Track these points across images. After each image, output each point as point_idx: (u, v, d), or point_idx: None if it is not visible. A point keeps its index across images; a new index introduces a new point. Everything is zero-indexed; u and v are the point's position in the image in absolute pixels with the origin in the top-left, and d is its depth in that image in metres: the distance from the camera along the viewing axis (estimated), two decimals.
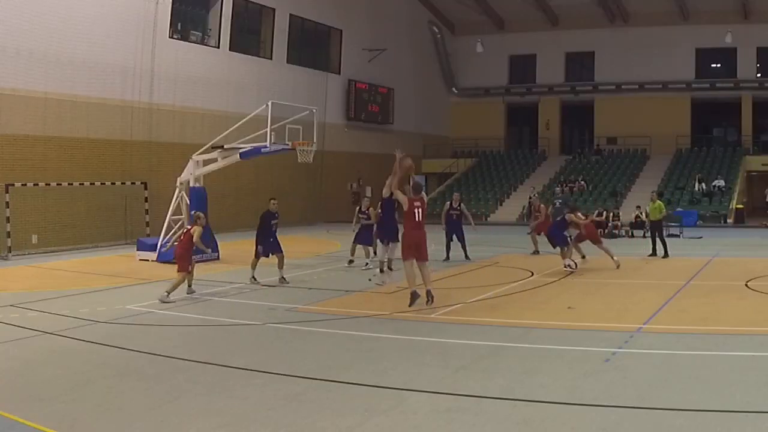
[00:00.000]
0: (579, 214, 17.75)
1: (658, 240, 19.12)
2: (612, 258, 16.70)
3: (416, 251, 11.86)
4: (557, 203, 25.79)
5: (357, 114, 35.74)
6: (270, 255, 15.30)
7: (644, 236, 24.74)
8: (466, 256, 18.89)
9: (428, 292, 11.73)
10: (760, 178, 36.26)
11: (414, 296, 11.69)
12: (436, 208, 36.30)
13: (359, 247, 17.74)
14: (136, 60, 24.43)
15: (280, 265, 15.13)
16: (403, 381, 7.76)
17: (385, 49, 36.16)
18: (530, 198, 28.57)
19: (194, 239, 13.64)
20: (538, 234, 20.25)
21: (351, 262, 17.71)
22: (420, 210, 11.91)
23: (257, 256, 15.21)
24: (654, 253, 19.07)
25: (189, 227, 14.46)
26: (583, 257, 17.69)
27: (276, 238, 15.39)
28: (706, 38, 37.41)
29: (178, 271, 13.43)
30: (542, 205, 21.69)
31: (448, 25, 42.74)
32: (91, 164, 22.98)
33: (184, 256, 13.62)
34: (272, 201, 15.55)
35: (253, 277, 15.06)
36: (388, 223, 15.27)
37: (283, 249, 15.34)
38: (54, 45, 21.60)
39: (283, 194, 30.55)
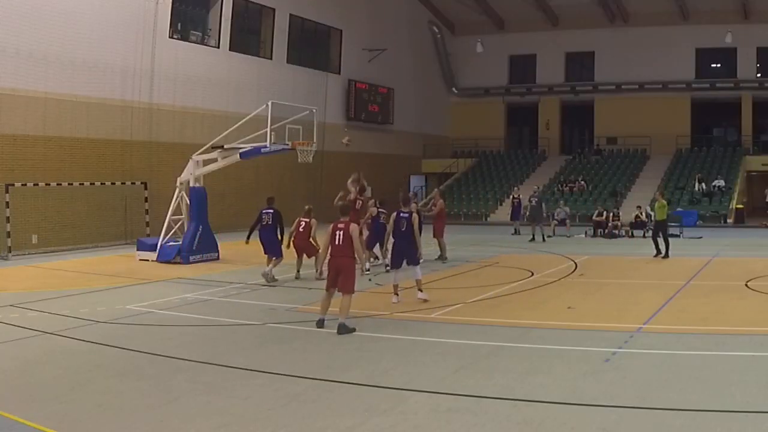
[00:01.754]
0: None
1: (660, 239, 18.75)
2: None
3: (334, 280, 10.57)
4: (533, 201, 25.67)
5: (357, 114, 35.73)
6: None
7: (644, 236, 24.78)
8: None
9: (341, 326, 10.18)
10: (760, 178, 36.25)
11: (321, 323, 10.47)
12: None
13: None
14: (136, 60, 24.41)
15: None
16: (403, 381, 7.76)
17: (385, 49, 36.15)
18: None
19: (314, 231, 15.49)
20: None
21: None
22: (341, 233, 10.50)
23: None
24: (659, 252, 18.70)
25: (306, 220, 15.80)
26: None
27: None
28: (706, 38, 37.39)
29: (309, 256, 15.60)
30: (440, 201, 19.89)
31: (448, 25, 42.73)
32: (91, 164, 22.97)
33: (308, 244, 15.60)
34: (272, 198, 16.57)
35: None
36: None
37: None
38: (54, 45, 21.58)
39: (283, 194, 30.58)
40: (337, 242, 10.50)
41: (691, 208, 31.10)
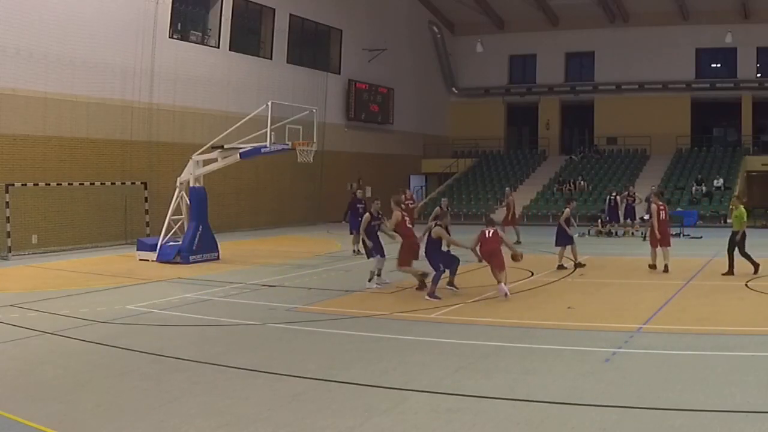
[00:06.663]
0: None
1: None
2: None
3: None
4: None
5: (357, 114, 35.71)
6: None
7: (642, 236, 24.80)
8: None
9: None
10: (760, 178, 36.24)
11: None
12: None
13: None
14: (136, 60, 24.40)
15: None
16: (403, 381, 7.76)
17: (385, 49, 36.15)
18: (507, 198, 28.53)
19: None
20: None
21: None
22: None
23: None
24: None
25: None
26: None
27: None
28: (706, 38, 37.38)
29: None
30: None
31: (448, 25, 42.72)
32: (91, 164, 22.96)
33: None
34: (376, 201, 15.32)
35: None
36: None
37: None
38: (54, 45, 21.57)
39: (283, 194, 30.69)
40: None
41: (691, 208, 31.10)
